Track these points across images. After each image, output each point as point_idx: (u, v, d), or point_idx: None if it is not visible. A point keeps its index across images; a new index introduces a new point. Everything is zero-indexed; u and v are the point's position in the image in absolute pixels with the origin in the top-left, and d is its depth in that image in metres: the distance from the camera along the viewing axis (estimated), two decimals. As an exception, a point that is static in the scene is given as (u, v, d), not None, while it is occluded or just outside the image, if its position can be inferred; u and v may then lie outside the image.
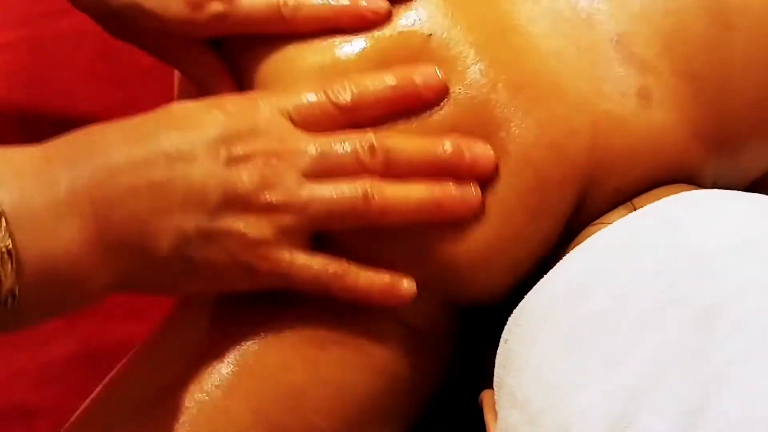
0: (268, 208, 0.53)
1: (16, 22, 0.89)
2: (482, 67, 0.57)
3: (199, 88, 0.63)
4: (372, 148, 0.55)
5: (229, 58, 0.61)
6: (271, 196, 0.53)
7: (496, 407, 0.54)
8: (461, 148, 0.55)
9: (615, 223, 0.54)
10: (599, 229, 0.54)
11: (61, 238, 0.48)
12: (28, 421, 0.72)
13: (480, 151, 0.55)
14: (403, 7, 0.58)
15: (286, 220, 0.53)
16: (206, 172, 0.52)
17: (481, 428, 0.56)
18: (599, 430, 0.45)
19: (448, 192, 0.55)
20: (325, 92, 0.56)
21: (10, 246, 0.46)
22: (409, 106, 0.56)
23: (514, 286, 0.58)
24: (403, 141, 0.55)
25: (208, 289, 0.57)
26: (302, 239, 0.54)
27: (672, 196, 0.55)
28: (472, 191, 0.55)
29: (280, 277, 0.54)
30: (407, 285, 0.56)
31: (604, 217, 0.58)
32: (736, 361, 0.44)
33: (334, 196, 0.54)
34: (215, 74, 0.61)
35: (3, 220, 0.46)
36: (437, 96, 0.55)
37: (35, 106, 0.85)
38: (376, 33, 0.58)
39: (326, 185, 0.54)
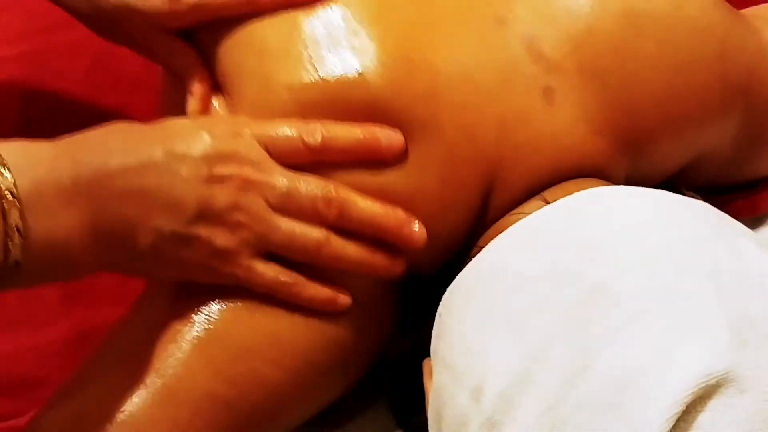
0: (236, 225, 0.59)
1: (16, 37, 0.93)
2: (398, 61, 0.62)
3: (178, 79, 0.67)
4: (329, 201, 0.61)
5: (202, 51, 0.67)
6: (239, 216, 0.59)
7: (433, 372, 0.60)
8: (401, 221, 0.61)
9: (530, 216, 0.59)
10: (517, 218, 0.60)
11: (62, 224, 0.54)
12: (32, 392, 0.75)
13: (417, 232, 0.61)
14: None
15: (249, 237, 0.60)
16: (187, 186, 0.58)
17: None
18: (505, 384, 0.51)
19: (380, 261, 0.62)
20: (299, 131, 0.61)
21: (21, 225, 0.52)
22: (368, 159, 0.61)
23: (440, 259, 0.64)
24: (359, 201, 0.61)
25: (177, 279, 0.63)
26: (260, 252, 0.60)
27: (581, 192, 0.60)
28: (399, 266, 0.63)
29: (238, 280, 0.60)
30: (342, 300, 0.63)
31: (520, 207, 0.63)
32: (614, 328, 0.50)
33: (294, 232, 0.60)
34: (192, 65, 0.66)
35: (18, 204, 0.52)
36: (395, 157, 0.61)
37: (37, 113, 0.89)
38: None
39: (287, 221, 0.60)
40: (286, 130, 0.61)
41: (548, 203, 0.61)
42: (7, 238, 0.52)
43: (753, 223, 0.80)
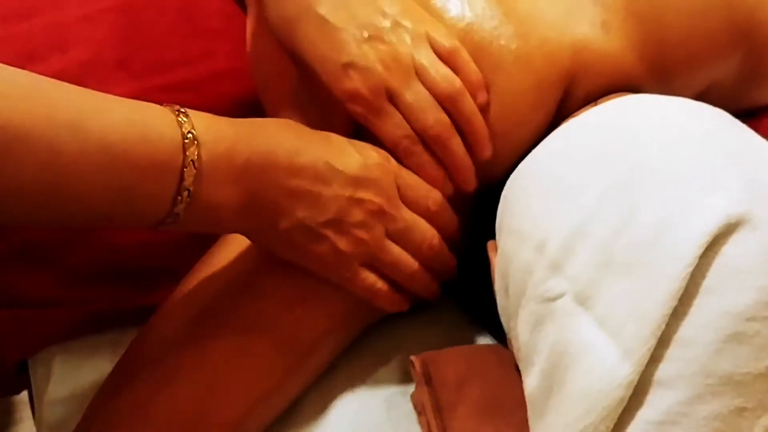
0: (358, 239, 0.70)
1: None
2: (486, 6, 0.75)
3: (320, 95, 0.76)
4: (431, 246, 0.74)
5: None
6: (363, 234, 0.70)
7: (497, 244, 0.71)
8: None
9: (584, 113, 0.72)
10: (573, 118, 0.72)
11: (224, 195, 0.64)
12: (155, 277, 0.84)
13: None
14: None
15: (365, 251, 0.71)
16: (333, 197, 0.68)
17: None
18: (564, 236, 0.63)
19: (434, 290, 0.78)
20: (427, 191, 0.73)
21: (192, 188, 0.62)
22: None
23: (513, 163, 0.74)
24: (444, 252, 0.75)
25: (297, 264, 0.72)
26: (368, 264, 0.72)
27: (622, 97, 0.72)
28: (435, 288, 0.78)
29: (344, 280, 0.72)
30: (405, 307, 0.76)
31: (577, 112, 0.75)
32: (652, 190, 0.61)
33: (398, 260, 0.73)
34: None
35: (196, 171, 0.61)
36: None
37: (133, 54, 0.96)
38: None
39: (397, 249, 0.73)
40: (419, 185, 0.73)
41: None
42: (177, 195, 0.62)
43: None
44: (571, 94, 0.77)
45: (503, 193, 0.72)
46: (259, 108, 0.90)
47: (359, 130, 0.75)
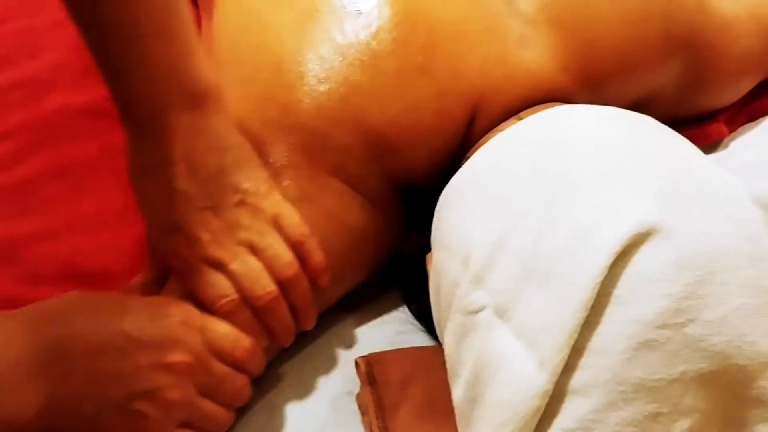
0: (169, 404, 0.66)
1: None
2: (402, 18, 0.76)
3: None
4: (242, 398, 0.72)
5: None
6: (173, 396, 0.66)
7: (432, 256, 0.73)
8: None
9: (509, 127, 0.73)
10: (497, 133, 0.73)
11: (20, 404, 0.60)
12: (107, 281, 0.83)
13: None
14: None
15: (177, 414, 0.67)
16: (136, 369, 0.65)
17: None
18: (487, 249, 0.64)
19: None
20: (233, 340, 0.70)
21: None
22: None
23: (435, 172, 0.77)
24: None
25: None
26: (180, 421, 0.68)
27: (547, 109, 0.73)
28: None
29: None
30: None
31: (500, 126, 0.76)
32: (571, 199, 0.62)
33: (209, 414, 0.69)
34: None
35: None
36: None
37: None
38: None
39: (208, 405, 0.69)
40: (225, 332, 0.70)
41: (521, 119, 0.74)
42: None
43: (703, 149, 0.93)
44: (485, 107, 0.77)
45: (437, 207, 0.74)
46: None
47: None
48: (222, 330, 0.70)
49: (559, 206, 0.63)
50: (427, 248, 0.75)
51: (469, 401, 0.65)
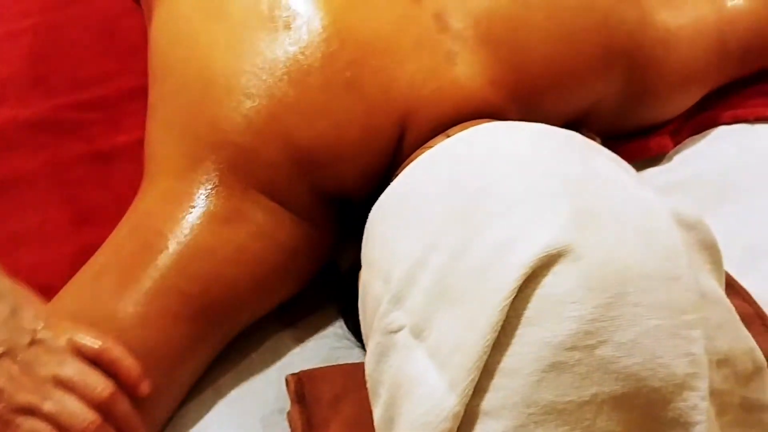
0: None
1: (34, 11, 1.05)
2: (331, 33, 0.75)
3: None
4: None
5: None
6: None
7: (361, 272, 0.72)
8: None
9: (435, 147, 0.72)
10: (426, 150, 0.73)
11: None
12: (48, 296, 0.77)
13: None
14: None
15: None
16: None
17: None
18: (407, 267, 0.64)
19: None
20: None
21: None
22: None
23: (366, 186, 0.76)
24: None
25: None
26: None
27: (473, 127, 0.73)
28: None
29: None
30: None
31: (428, 142, 0.76)
32: (488, 218, 0.62)
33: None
34: None
35: None
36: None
37: (51, 72, 1.00)
38: None
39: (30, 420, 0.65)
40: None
41: (449, 137, 0.74)
42: None
43: (648, 162, 0.94)
44: (414, 122, 0.77)
45: (366, 225, 0.74)
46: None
47: None
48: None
49: (475, 225, 0.63)
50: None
51: (387, 421, 0.65)
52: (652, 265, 0.60)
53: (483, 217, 0.63)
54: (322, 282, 0.85)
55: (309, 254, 0.80)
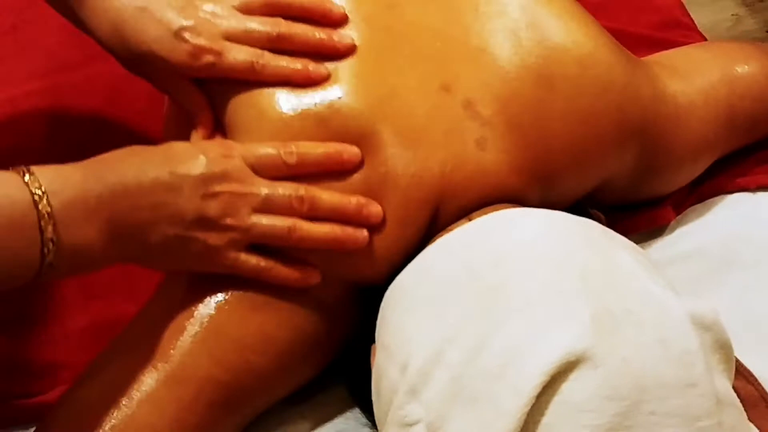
0: (225, 228, 0.73)
1: (40, 74, 1.04)
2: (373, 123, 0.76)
3: (186, 115, 0.80)
4: (301, 198, 0.74)
5: (211, 97, 0.79)
6: (228, 221, 0.73)
7: (375, 354, 0.73)
8: (361, 204, 0.75)
9: (455, 230, 0.73)
10: (445, 234, 0.73)
11: (87, 234, 0.67)
12: (55, 374, 0.85)
13: (373, 209, 0.75)
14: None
15: (235, 236, 0.73)
16: (187, 201, 0.71)
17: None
18: (423, 360, 0.64)
19: (346, 232, 0.75)
20: (278, 151, 0.75)
21: (54, 237, 0.65)
22: (334, 170, 0.75)
23: (394, 271, 0.76)
24: (324, 194, 0.75)
25: (180, 269, 0.76)
26: (245, 246, 0.74)
27: (493, 213, 0.73)
28: (362, 234, 0.75)
29: (227, 269, 0.74)
30: (313, 277, 0.76)
31: (450, 226, 0.76)
32: (505, 317, 0.63)
33: (269, 225, 0.74)
34: (201, 107, 0.79)
35: (53, 221, 0.65)
36: (354, 166, 0.76)
37: (57, 138, 0.99)
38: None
39: (266, 218, 0.74)
40: (268, 150, 0.75)
41: (470, 221, 0.74)
42: (44, 247, 0.65)
43: (650, 234, 0.94)
44: (444, 209, 0.77)
45: (382, 303, 0.74)
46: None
47: None
48: (262, 150, 0.75)
49: (493, 322, 0.63)
50: (372, 338, 0.75)
51: None
52: (668, 372, 0.61)
53: (500, 315, 0.64)
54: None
55: (331, 339, 0.80)
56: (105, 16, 0.78)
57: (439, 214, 0.77)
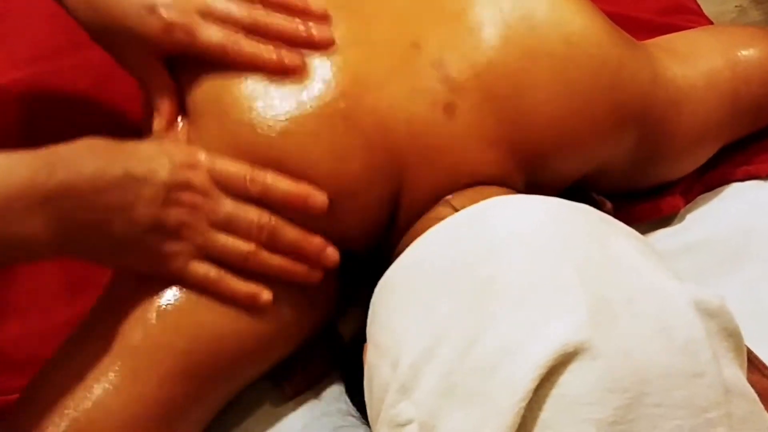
0: (180, 238, 0.71)
1: (25, 61, 1.01)
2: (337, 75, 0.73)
3: (148, 96, 0.76)
4: (262, 228, 0.72)
5: (177, 78, 0.76)
6: (185, 232, 0.71)
7: (366, 351, 0.70)
8: (321, 247, 0.73)
9: (443, 222, 0.69)
10: (431, 223, 0.70)
11: (29, 228, 0.63)
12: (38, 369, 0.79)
13: (331, 255, 0.74)
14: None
15: (190, 247, 0.71)
16: (144, 207, 0.68)
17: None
18: (414, 356, 0.61)
19: (302, 269, 0.74)
20: (245, 175, 0.72)
21: None
22: (296, 211, 0.72)
23: (366, 238, 0.75)
24: (287, 230, 0.73)
25: (128, 268, 0.73)
26: (200, 258, 0.72)
27: (484, 201, 0.69)
28: (318, 274, 0.74)
29: (175, 276, 0.72)
30: (264, 297, 0.73)
31: (433, 211, 0.74)
32: (498, 310, 0.60)
33: (227, 246, 0.72)
34: (165, 87, 0.76)
35: None
36: (319, 213, 0.73)
37: (42, 126, 0.96)
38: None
39: (224, 236, 0.72)
40: (235, 170, 0.72)
41: (456, 210, 0.71)
42: None
43: (658, 223, 0.92)
44: (412, 178, 0.74)
45: (371, 300, 0.71)
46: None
47: None
48: (230, 167, 0.72)
49: (486, 317, 0.60)
50: (364, 335, 0.72)
51: None
52: (672, 362, 0.58)
53: (494, 309, 0.61)
54: (324, 354, 0.82)
55: (311, 317, 0.78)
56: None
57: (407, 181, 0.74)
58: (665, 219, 0.92)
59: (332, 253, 0.74)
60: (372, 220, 0.75)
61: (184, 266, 0.72)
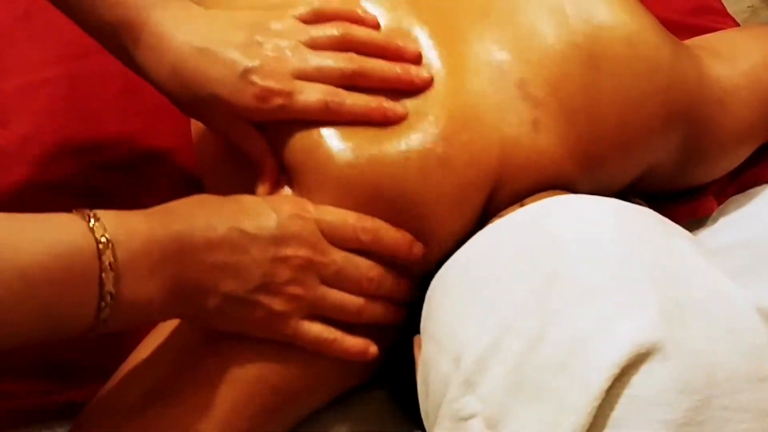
0: (292, 296, 0.70)
1: (55, 61, 1.00)
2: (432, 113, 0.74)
3: (248, 160, 0.76)
4: (371, 279, 0.72)
5: (271, 138, 0.75)
6: (295, 290, 0.70)
7: (421, 345, 0.70)
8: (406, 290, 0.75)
9: (505, 216, 0.70)
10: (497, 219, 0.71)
11: (147, 289, 0.63)
12: (76, 374, 0.82)
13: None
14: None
15: (302, 305, 0.70)
16: (254, 263, 0.68)
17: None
18: (480, 351, 0.62)
19: (396, 315, 0.76)
20: (355, 224, 0.72)
21: (114, 292, 0.60)
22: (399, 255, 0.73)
23: (445, 257, 0.73)
24: (388, 280, 0.74)
25: (237, 331, 0.71)
26: (311, 316, 0.71)
27: (548, 199, 0.71)
28: (402, 312, 0.76)
29: (288, 337, 0.71)
30: (372, 351, 0.74)
31: (503, 212, 0.73)
32: (566, 306, 0.60)
33: (339, 300, 0.72)
34: (264, 154, 0.75)
35: (114, 273, 0.60)
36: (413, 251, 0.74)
37: (71, 129, 0.95)
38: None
39: (335, 292, 0.71)
40: (344, 219, 0.72)
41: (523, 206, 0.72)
42: (101, 301, 0.60)
43: (692, 224, 0.91)
44: (498, 192, 0.75)
45: (427, 293, 0.71)
46: (201, 187, 0.88)
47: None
48: (338, 218, 0.71)
49: (553, 312, 0.60)
50: (415, 327, 0.73)
51: None
52: (739, 365, 0.58)
53: (563, 302, 0.61)
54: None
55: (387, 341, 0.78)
56: (163, 58, 0.73)
57: (494, 197, 0.75)
58: (698, 221, 0.92)
59: (414, 291, 0.75)
60: (455, 243, 0.74)
61: (297, 327, 0.71)
